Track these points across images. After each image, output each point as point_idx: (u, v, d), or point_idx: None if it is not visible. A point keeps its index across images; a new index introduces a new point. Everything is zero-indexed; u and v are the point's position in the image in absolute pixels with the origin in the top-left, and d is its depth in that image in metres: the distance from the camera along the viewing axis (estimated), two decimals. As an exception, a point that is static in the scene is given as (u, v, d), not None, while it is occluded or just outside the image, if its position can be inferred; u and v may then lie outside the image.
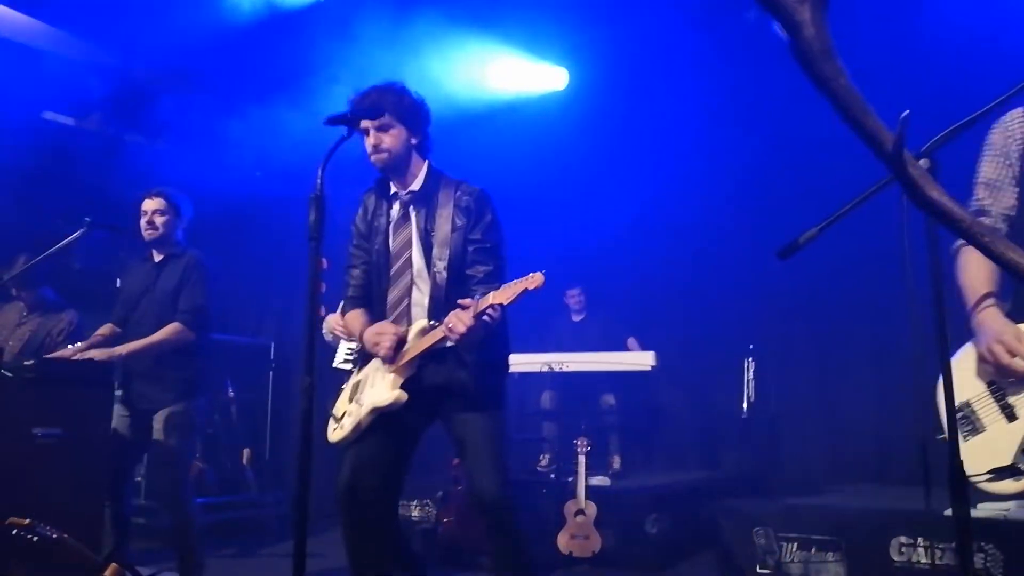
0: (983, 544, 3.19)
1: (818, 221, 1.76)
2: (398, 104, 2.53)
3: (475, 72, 5.48)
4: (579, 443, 4.28)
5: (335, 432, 2.60)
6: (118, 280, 5.40)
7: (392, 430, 2.51)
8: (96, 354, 3.27)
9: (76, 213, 3.53)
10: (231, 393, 5.42)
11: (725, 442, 5.58)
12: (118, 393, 3.48)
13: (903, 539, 3.43)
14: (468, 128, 5.25)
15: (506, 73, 5.78)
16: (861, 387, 4.97)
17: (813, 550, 3.66)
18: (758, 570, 3.81)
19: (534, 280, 2.26)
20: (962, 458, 1.94)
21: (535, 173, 5.55)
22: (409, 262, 2.55)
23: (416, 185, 2.59)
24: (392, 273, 2.57)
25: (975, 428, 2.04)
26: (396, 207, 2.61)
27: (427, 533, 4.48)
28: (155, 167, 4.96)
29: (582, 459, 4.26)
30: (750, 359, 4.67)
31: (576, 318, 5.62)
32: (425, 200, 2.57)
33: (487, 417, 2.50)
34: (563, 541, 4.14)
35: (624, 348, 5.27)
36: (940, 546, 3.28)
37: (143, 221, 3.48)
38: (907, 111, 0.92)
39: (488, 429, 2.49)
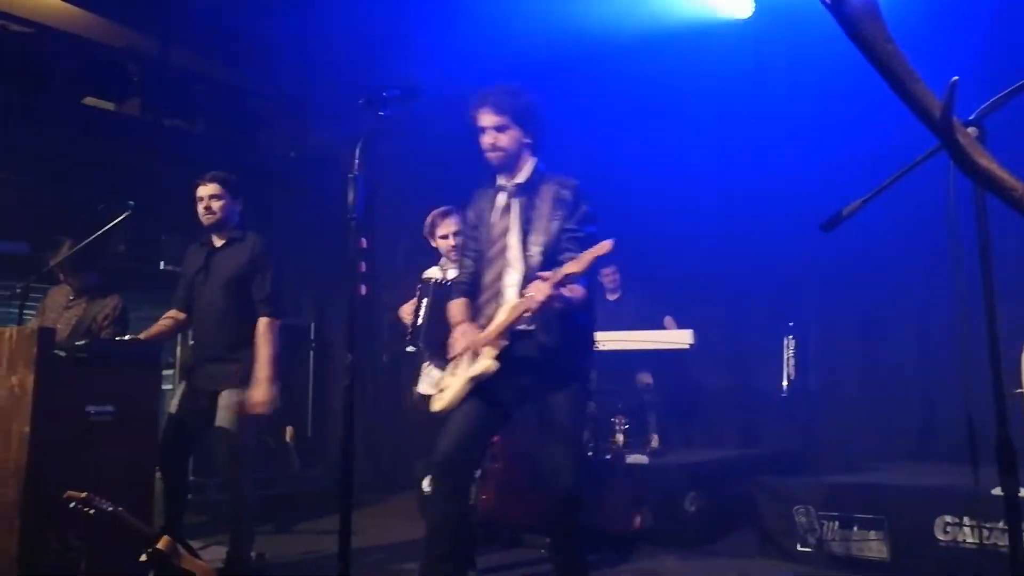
0: (1032, 523, 3.12)
1: (862, 193, 1.73)
2: (517, 106, 2.73)
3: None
4: (617, 421, 4.28)
5: (436, 402, 2.80)
6: (161, 263, 5.54)
7: (485, 402, 2.69)
8: (260, 397, 3.33)
9: (119, 197, 3.59)
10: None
11: (764, 420, 5.52)
12: (171, 372, 3.53)
13: (948, 518, 3.37)
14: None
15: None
16: (904, 363, 4.87)
17: (855, 528, 3.61)
18: (799, 548, 3.78)
19: (603, 247, 2.47)
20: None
21: (573, 152, 5.51)
22: (505, 247, 2.73)
23: (522, 178, 2.77)
24: (489, 256, 2.76)
25: None
26: (501, 198, 2.80)
27: (466, 510, 4.53)
28: (193, 149, 5.04)
29: (620, 437, 4.27)
30: (790, 337, 4.60)
31: (611, 297, 5.59)
32: (528, 192, 2.75)
33: (569, 399, 2.67)
34: (601, 518, 4.16)
35: (660, 327, 5.24)
36: (987, 525, 3.21)
37: (200, 207, 3.49)
38: (956, 77, 0.90)
39: (569, 414, 2.67)
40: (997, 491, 1.83)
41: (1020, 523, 1.80)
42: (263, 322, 3.40)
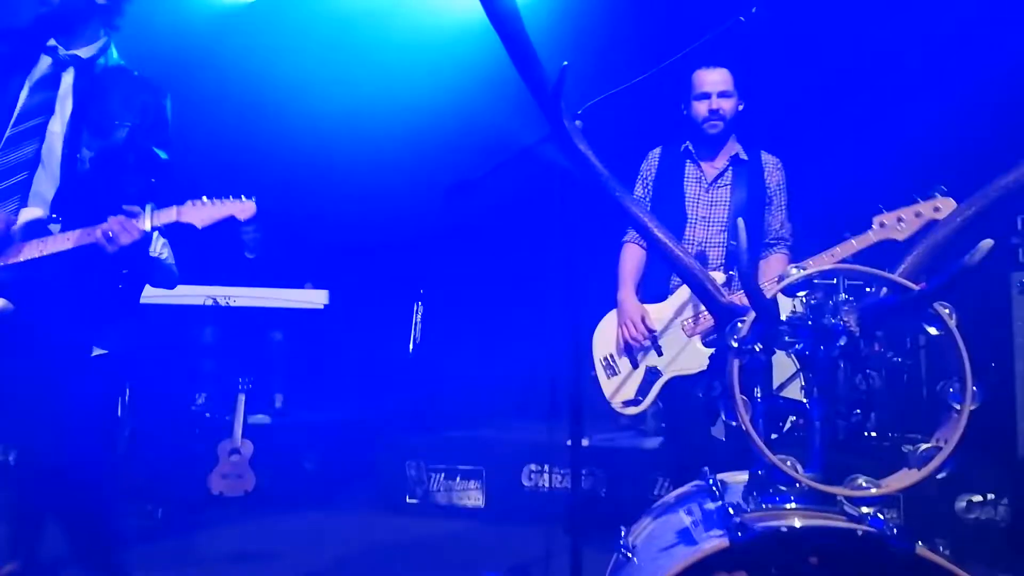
0: (593, 468, 3.78)
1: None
2: None
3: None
4: (241, 381, 4.13)
5: None
6: None
7: None
8: None
9: None
10: None
11: (391, 380, 5.79)
12: None
13: (533, 466, 3.92)
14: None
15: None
16: (516, 331, 5.46)
17: (458, 479, 4.00)
18: (407, 500, 4.05)
19: (245, 209, 1.95)
20: (608, 391, 2.62)
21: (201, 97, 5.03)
22: (40, 132, 1.98)
23: (91, 52, 2.05)
24: (10, 136, 1.97)
25: (616, 371, 2.67)
26: (45, 61, 2.03)
27: None
28: None
29: (242, 397, 4.12)
30: (419, 302, 4.88)
31: (249, 255, 5.34)
32: (92, 70, 2.04)
33: (83, 379, 2.04)
34: (214, 481, 3.99)
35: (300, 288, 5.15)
36: (559, 471, 3.81)
37: None
38: (566, 61, 1.03)
39: (83, 399, 2.04)
40: (568, 443, 2.25)
41: (580, 468, 2.29)
42: None
